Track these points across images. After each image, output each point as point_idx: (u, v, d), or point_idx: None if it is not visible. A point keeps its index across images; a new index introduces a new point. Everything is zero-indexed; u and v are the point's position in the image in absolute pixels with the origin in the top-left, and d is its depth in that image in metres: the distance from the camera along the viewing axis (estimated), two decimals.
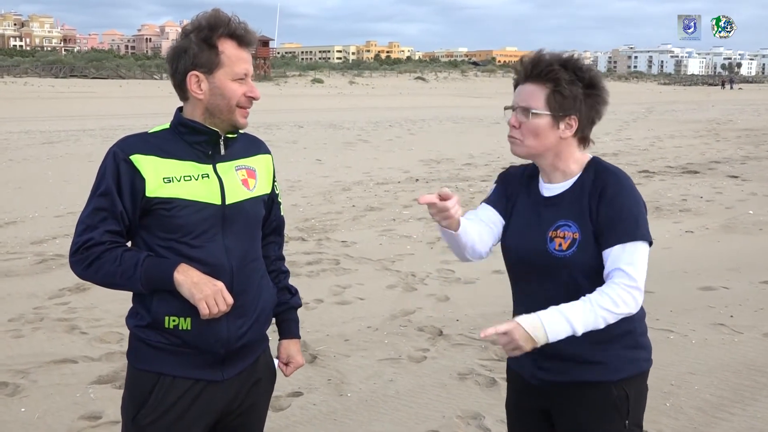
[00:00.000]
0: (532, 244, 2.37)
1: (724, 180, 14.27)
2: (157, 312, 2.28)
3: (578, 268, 2.29)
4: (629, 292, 2.19)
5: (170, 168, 2.27)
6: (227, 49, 2.27)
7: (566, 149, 2.37)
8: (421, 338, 5.71)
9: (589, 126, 2.37)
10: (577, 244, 2.29)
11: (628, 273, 2.19)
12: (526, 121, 2.34)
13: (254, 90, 2.36)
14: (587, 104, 2.33)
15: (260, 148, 2.52)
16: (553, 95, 2.30)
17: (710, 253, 8.53)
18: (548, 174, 2.43)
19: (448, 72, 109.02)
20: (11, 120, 26.83)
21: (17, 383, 4.78)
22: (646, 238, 2.25)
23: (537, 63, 2.33)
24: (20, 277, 7.28)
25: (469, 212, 2.53)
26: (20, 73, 73.17)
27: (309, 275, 7.36)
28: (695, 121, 31.63)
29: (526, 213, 2.46)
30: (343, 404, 4.61)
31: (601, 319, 2.18)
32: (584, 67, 2.34)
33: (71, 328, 5.77)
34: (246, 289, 2.36)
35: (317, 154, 17.61)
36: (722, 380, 4.94)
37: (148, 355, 2.34)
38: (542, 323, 2.14)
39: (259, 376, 2.52)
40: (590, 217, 2.28)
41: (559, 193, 2.39)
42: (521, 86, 2.38)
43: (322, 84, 79.42)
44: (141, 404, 2.33)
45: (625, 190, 2.30)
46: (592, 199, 2.30)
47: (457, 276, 7.43)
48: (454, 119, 31.65)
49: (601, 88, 2.35)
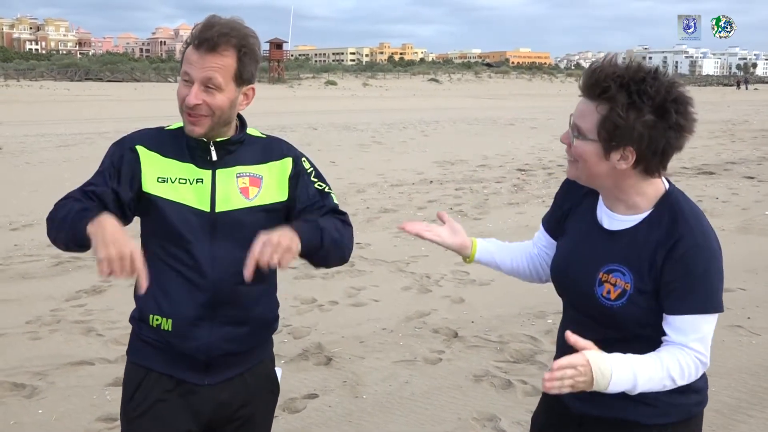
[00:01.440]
0: (579, 281, 2.10)
1: (740, 181, 14.18)
2: (143, 308, 2.30)
3: (629, 320, 2.02)
4: (698, 368, 1.98)
5: (168, 168, 2.26)
6: (186, 51, 2.22)
7: (625, 181, 2.02)
8: (436, 340, 5.71)
9: (655, 158, 1.96)
10: (627, 296, 2.00)
11: (697, 349, 1.96)
12: (574, 143, 2.01)
13: (189, 96, 2.17)
14: (652, 135, 1.91)
15: (275, 155, 2.36)
16: (604, 121, 1.92)
17: (726, 254, 8.31)
18: (610, 200, 2.10)
19: (462, 73, 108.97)
20: (27, 123, 27.01)
21: (35, 385, 4.82)
22: (718, 309, 1.98)
23: (591, 76, 1.95)
24: (37, 279, 7.33)
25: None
26: (36, 76, 73.79)
27: (324, 277, 7.37)
28: (710, 121, 31.41)
29: (577, 237, 2.18)
30: (359, 406, 4.61)
31: (661, 386, 1.97)
32: (654, 88, 1.89)
33: (88, 330, 5.81)
34: (233, 300, 2.27)
35: (331, 156, 17.62)
36: (739, 382, 4.91)
37: (139, 348, 2.35)
38: (611, 372, 1.87)
39: (257, 387, 2.43)
40: (651, 272, 1.97)
41: (621, 230, 2.06)
42: (580, 99, 2.01)
43: (336, 86, 79.59)
44: (130, 396, 2.34)
45: (702, 249, 1.96)
46: (659, 251, 1.96)
47: (472, 278, 7.42)
48: (467, 121, 31.60)
49: (674, 115, 1.90)
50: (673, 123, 1.91)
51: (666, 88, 1.90)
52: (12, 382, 4.84)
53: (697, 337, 1.96)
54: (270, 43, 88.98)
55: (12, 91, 55.05)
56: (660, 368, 1.94)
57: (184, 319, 2.26)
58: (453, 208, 11.22)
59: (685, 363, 1.96)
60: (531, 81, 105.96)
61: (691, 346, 1.96)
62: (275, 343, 2.53)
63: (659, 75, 1.92)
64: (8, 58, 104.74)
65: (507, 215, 10.69)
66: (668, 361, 1.95)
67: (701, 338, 1.96)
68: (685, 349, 1.96)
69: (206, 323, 2.26)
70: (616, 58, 1.96)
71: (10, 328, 5.86)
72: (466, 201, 11.83)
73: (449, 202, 11.67)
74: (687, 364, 1.96)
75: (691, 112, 1.95)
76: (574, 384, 1.84)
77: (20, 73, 74.75)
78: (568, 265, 2.16)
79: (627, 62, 1.95)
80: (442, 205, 11.39)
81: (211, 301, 2.26)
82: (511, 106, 44.24)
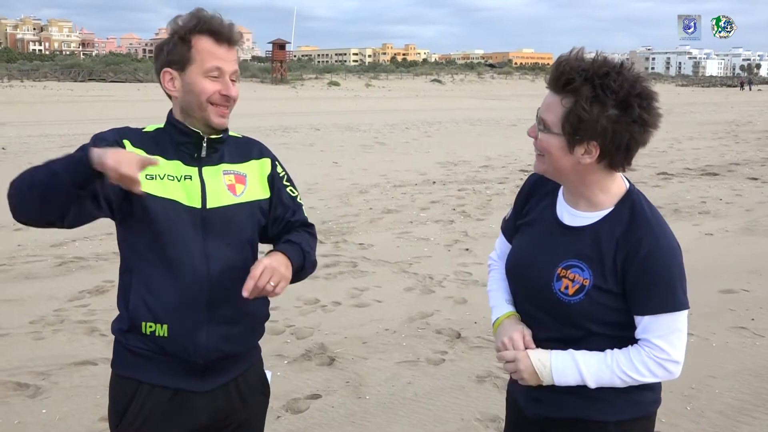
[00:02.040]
0: (537, 276, 2.09)
1: (744, 182, 14.16)
2: (134, 317, 2.21)
3: (586, 317, 2.01)
4: (660, 364, 1.99)
5: (155, 165, 2.19)
6: (200, 44, 2.20)
7: (590, 176, 2.01)
8: (439, 341, 5.70)
9: (619, 153, 1.95)
10: (584, 292, 1.99)
11: (658, 346, 1.98)
12: (540, 136, 2.01)
13: (229, 88, 2.23)
14: (616, 129, 1.90)
15: (254, 153, 2.41)
16: (569, 114, 1.92)
17: (730, 255, 8.46)
18: (572, 196, 2.09)
19: (465, 74, 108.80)
20: (31, 124, 27.06)
21: (38, 385, 4.82)
22: (682, 306, 1.99)
23: (557, 68, 1.95)
24: (40, 279, 7.34)
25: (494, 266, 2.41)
26: (39, 77, 73.74)
27: (326, 278, 7.37)
28: (714, 122, 31.41)
29: (536, 233, 2.16)
30: (362, 407, 4.60)
31: (618, 380, 2.00)
32: (617, 82, 1.88)
33: (91, 330, 5.81)
34: (228, 298, 2.24)
35: (334, 157, 17.63)
36: (744, 384, 4.90)
37: (128, 360, 2.28)
38: (551, 363, 2.00)
39: (250, 391, 2.43)
40: (613, 269, 1.98)
41: (581, 226, 2.05)
42: (547, 92, 2.01)
43: (339, 87, 79.57)
44: (123, 412, 2.28)
45: (663, 249, 1.97)
46: (619, 251, 1.97)
47: (475, 278, 7.41)
48: (470, 121, 31.60)
49: (637, 109, 1.89)
50: (637, 117, 1.90)
51: (630, 82, 1.90)
52: (15, 382, 4.85)
53: (659, 334, 1.98)
54: (273, 43, 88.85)
55: (15, 91, 55.12)
56: (608, 361, 1.98)
57: (180, 323, 2.21)
58: (456, 208, 11.22)
59: (638, 359, 1.98)
60: (534, 82, 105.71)
61: (652, 343, 1.98)
62: (278, 343, 2.56)
63: (624, 70, 1.91)
64: (12, 58, 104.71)
65: None
66: (617, 356, 1.99)
67: (663, 336, 1.98)
68: (643, 347, 1.99)
69: (203, 324, 2.23)
70: (582, 52, 1.96)
71: (13, 328, 5.86)
72: (469, 202, 11.82)
73: (452, 203, 11.67)
74: (642, 360, 1.98)
75: (655, 107, 1.95)
76: (520, 377, 2.03)
77: (24, 73, 74.73)
78: (526, 260, 2.15)
79: (593, 56, 1.94)
80: (444, 206, 11.39)
81: (208, 300, 2.23)
82: (513, 107, 44.21)
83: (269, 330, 5.83)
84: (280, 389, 4.77)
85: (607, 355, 2.00)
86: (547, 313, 2.08)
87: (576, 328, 2.03)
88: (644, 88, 1.92)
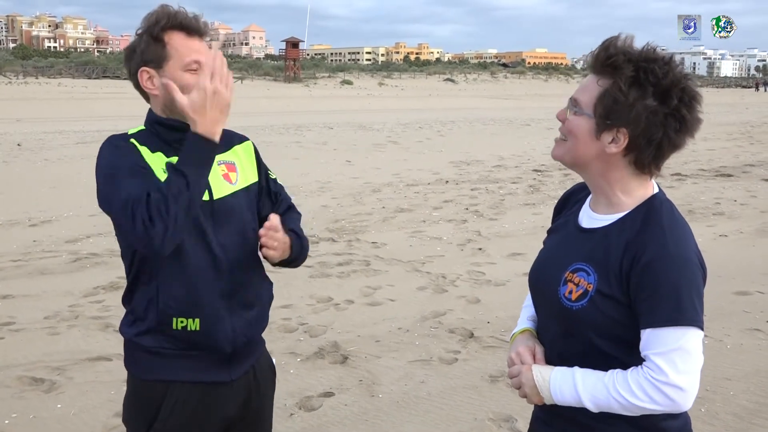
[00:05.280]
0: (547, 280, 1.95)
1: (759, 183, 14.07)
2: (164, 314, 2.21)
3: (588, 325, 1.83)
4: (657, 387, 1.73)
5: (161, 161, 2.22)
6: (174, 40, 2.20)
7: (614, 171, 1.86)
8: (452, 340, 5.70)
9: (649, 149, 1.79)
10: (588, 297, 1.82)
11: (656, 364, 1.72)
12: (569, 117, 1.88)
13: None
14: (651, 120, 1.75)
15: (235, 140, 2.44)
16: (604, 95, 1.79)
17: (745, 257, 8.41)
18: (595, 198, 1.96)
19: (478, 74, 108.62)
20: (46, 120, 27.23)
21: (53, 380, 4.86)
22: (688, 322, 1.73)
23: (601, 48, 1.81)
24: (55, 275, 7.39)
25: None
26: (54, 74, 74.19)
27: (339, 276, 7.38)
28: (729, 123, 31.21)
29: (556, 239, 2.06)
30: (375, 405, 4.61)
31: (614, 402, 1.77)
32: (663, 70, 1.74)
33: (105, 326, 5.85)
34: (245, 282, 2.33)
35: (347, 156, 17.65)
36: (758, 386, 4.88)
37: (153, 363, 2.26)
38: (550, 378, 1.86)
39: (263, 376, 2.48)
40: (619, 277, 1.80)
41: (594, 228, 1.91)
42: (587, 76, 1.88)
43: (352, 85, 79.60)
44: (153, 418, 2.26)
45: (672, 258, 1.75)
46: (626, 256, 1.79)
47: (488, 278, 7.41)
48: (483, 121, 31.55)
49: (677, 102, 1.75)
50: (675, 110, 1.75)
51: (676, 75, 1.76)
52: (31, 377, 4.89)
53: (658, 351, 1.73)
54: (286, 42, 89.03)
55: (31, 88, 55.49)
56: (605, 381, 1.79)
57: (210, 314, 2.24)
58: (469, 208, 11.21)
59: (634, 379, 1.75)
60: (547, 81, 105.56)
61: (650, 361, 1.74)
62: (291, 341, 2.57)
63: (672, 63, 1.78)
64: (27, 55, 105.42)
65: (523, 216, 10.66)
66: (617, 374, 1.79)
67: (663, 353, 1.73)
68: (643, 366, 1.76)
69: (227, 312, 2.27)
70: (631, 39, 1.81)
71: (28, 324, 5.91)
72: (482, 201, 11.81)
73: (465, 203, 11.66)
74: (637, 380, 1.75)
75: (697, 108, 1.79)
76: (523, 393, 1.91)
77: (39, 70, 75.17)
78: (540, 265, 2.04)
79: (634, 47, 1.80)
80: (457, 205, 11.39)
81: (229, 288, 2.27)
82: (527, 107, 44.12)
83: (282, 328, 5.88)
84: (293, 387, 4.79)
85: (607, 374, 1.80)
86: (557, 322, 1.93)
87: (580, 341, 1.87)
88: (690, 86, 1.78)
